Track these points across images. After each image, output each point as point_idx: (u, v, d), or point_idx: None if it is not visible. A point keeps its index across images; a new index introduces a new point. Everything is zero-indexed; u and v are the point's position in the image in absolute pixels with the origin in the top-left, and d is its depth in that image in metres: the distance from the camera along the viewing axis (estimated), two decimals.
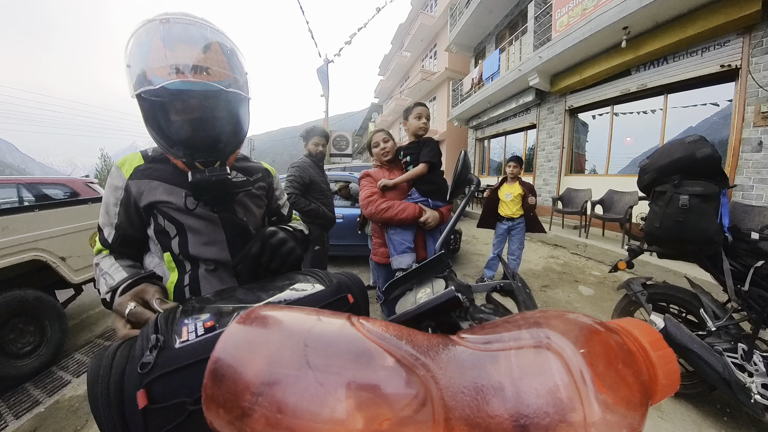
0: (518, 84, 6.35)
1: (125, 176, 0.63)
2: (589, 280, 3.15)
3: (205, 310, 0.41)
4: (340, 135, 10.06)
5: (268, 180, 0.80)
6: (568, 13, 4.90)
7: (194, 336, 0.35)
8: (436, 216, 1.34)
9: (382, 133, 1.46)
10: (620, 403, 0.18)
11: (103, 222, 0.64)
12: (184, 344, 0.35)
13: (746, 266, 1.19)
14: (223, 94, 0.56)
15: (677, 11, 3.64)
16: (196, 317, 0.39)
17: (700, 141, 1.21)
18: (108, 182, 0.65)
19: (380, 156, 1.44)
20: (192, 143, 0.58)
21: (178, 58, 0.52)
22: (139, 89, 0.52)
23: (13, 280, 1.89)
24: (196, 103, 0.55)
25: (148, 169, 0.63)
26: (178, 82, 0.51)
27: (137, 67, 0.52)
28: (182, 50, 0.52)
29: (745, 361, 1.17)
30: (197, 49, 0.54)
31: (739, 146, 3.33)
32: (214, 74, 0.54)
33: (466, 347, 0.23)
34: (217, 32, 0.57)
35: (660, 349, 0.22)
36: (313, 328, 0.23)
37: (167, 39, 0.51)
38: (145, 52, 0.52)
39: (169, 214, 0.63)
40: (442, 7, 11.48)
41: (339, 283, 0.50)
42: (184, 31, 0.53)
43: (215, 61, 0.55)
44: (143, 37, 0.52)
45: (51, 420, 1.56)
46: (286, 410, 0.18)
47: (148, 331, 0.36)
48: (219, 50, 0.56)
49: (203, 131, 0.58)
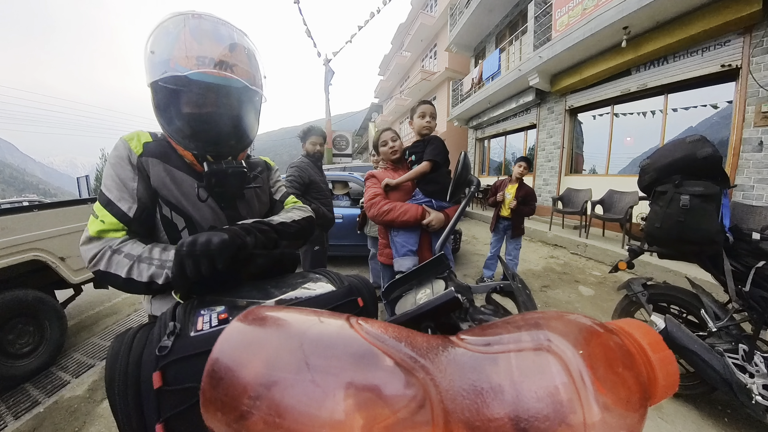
0: (518, 84, 6.34)
1: (136, 153, 0.59)
2: (589, 281, 3.15)
3: (220, 303, 0.42)
4: (340, 135, 10.07)
5: (266, 173, 0.82)
6: (568, 12, 4.89)
7: (208, 327, 0.37)
8: (441, 218, 1.28)
9: (390, 131, 1.45)
10: (619, 405, 0.18)
11: (117, 196, 0.57)
12: (199, 333, 0.36)
13: (747, 267, 1.19)
14: (244, 91, 0.58)
15: (677, 11, 3.64)
16: (212, 309, 0.40)
17: (700, 141, 1.20)
18: (114, 156, 0.59)
19: (388, 154, 1.43)
20: (204, 136, 0.58)
21: (206, 52, 0.53)
22: (161, 75, 0.52)
23: (12, 280, 1.89)
24: (215, 97, 0.56)
25: (156, 148, 0.61)
26: (203, 73, 0.52)
27: (162, 54, 0.53)
28: (210, 45, 0.54)
29: (746, 362, 1.16)
30: (224, 46, 0.55)
31: (739, 146, 3.32)
32: (238, 72, 0.56)
33: (465, 349, 0.23)
34: (242, 35, 0.60)
35: (660, 350, 0.22)
36: (312, 330, 0.23)
37: (196, 33, 0.53)
38: (172, 41, 0.53)
39: (177, 205, 0.62)
40: (442, 7, 11.49)
41: (350, 285, 0.50)
42: (213, 28, 0.55)
43: (240, 60, 0.57)
44: (171, 28, 0.53)
45: (50, 420, 1.56)
46: (284, 412, 0.18)
47: (166, 318, 0.38)
48: (243, 51, 0.59)
49: (217, 125, 0.58)
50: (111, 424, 1.53)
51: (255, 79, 0.60)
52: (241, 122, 0.61)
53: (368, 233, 2.58)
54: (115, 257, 0.53)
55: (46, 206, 2.12)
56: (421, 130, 1.34)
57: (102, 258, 0.53)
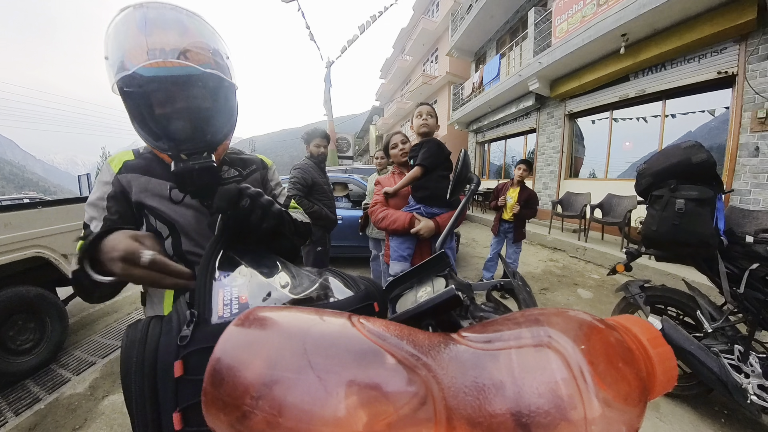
0: (518, 89, 6.41)
1: (114, 171, 0.61)
2: (588, 283, 3.17)
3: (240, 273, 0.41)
4: (341, 137, 10.12)
5: (262, 171, 0.78)
6: (567, 20, 4.96)
7: (229, 314, 0.36)
8: (430, 226, 1.25)
9: (400, 134, 1.47)
10: (619, 400, 0.19)
11: (89, 217, 0.59)
12: (222, 320, 0.35)
13: (742, 269, 1.21)
14: (203, 78, 0.53)
15: (674, 19, 3.70)
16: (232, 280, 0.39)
17: (695, 147, 1.23)
18: (98, 179, 0.63)
19: (398, 157, 1.44)
20: (175, 134, 0.55)
21: (154, 43, 0.49)
22: (116, 78, 0.50)
23: (14, 277, 1.90)
24: (176, 89, 0.53)
25: (137, 163, 0.62)
26: (155, 68, 0.49)
27: (114, 57, 0.50)
28: (158, 35, 0.50)
29: (742, 363, 1.18)
30: (173, 33, 0.51)
31: (736, 151, 3.37)
32: (192, 58, 0.51)
33: (467, 346, 0.23)
34: (193, 16, 0.55)
35: (659, 346, 0.22)
36: (314, 329, 0.23)
37: (142, 25, 0.49)
38: (122, 40, 0.50)
39: (160, 213, 0.61)
40: (444, 12, 11.62)
41: (366, 290, 0.48)
42: (159, 15, 0.51)
43: (193, 44, 0.52)
44: (120, 26, 0.50)
45: (50, 417, 1.57)
46: (287, 412, 0.18)
47: (182, 306, 0.37)
48: (197, 34, 0.54)
49: (186, 120, 0.55)
50: (112, 422, 1.53)
51: (215, 62, 0.55)
52: (207, 113, 0.57)
53: (370, 234, 2.59)
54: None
55: (50, 203, 2.14)
56: (418, 129, 1.32)
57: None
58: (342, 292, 0.46)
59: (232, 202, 0.43)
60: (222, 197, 0.43)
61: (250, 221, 0.46)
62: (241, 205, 0.44)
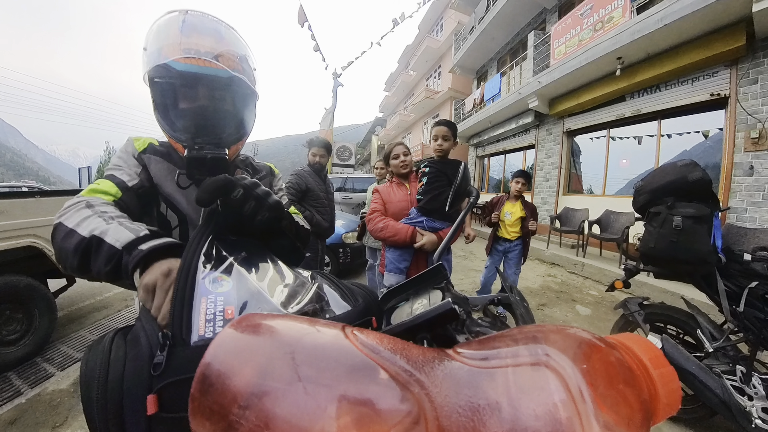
0: (518, 106, 6.57)
1: (138, 149, 0.64)
2: (586, 300, 3.13)
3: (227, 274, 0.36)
4: (343, 146, 10.23)
5: (269, 178, 0.83)
6: (565, 43, 5.16)
7: (212, 332, 0.30)
8: (434, 240, 1.25)
9: (402, 146, 1.51)
10: (621, 424, 0.18)
11: (119, 171, 0.60)
12: (202, 341, 0.29)
13: (740, 287, 1.20)
14: (230, 82, 0.57)
15: (667, 45, 3.86)
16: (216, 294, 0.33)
17: (691, 165, 1.26)
18: (120, 150, 0.65)
19: (398, 167, 1.48)
20: (195, 129, 0.58)
21: (191, 44, 0.54)
22: (150, 66, 0.54)
23: (5, 265, 1.84)
24: (203, 88, 0.57)
25: (160, 149, 0.66)
26: (187, 64, 0.53)
27: (152, 48, 0.55)
28: (196, 38, 0.55)
29: (744, 384, 1.15)
30: (210, 39, 0.57)
31: (731, 170, 3.42)
32: (224, 62, 0.56)
33: (462, 363, 0.22)
34: (230, 28, 0.61)
35: (661, 366, 0.21)
36: (306, 338, 0.22)
37: (184, 28, 0.55)
38: (162, 38, 0.55)
39: (174, 203, 0.63)
40: (448, 32, 12.05)
41: (365, 303, 0.46)
42: (200, 22, 0.57)
43: (226, 51, 0.58)
44: (162, 26, 0.56)
45: (31, 412, 1.50)
46: (274, 424, 0.17)
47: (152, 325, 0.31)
48: (230, 44, 0.60)
49: (206, 118, 0.59)
50: None
51: (242, 69, 0.60)
52: (227, 114, 0.61)
53: (366, 243, 2.58)
54: (83, 211, 0.47)
55: (48, 193, 2.10)
56: (434, 153, 1.39)
57: (70, 208, 0.49)
58: (338, 305, 0.44)
59: (216, 194, 0.40)
60: (205, 188, 0.39)
61: (242, 213, 0.43)
62: (232, 196, 0.41)
